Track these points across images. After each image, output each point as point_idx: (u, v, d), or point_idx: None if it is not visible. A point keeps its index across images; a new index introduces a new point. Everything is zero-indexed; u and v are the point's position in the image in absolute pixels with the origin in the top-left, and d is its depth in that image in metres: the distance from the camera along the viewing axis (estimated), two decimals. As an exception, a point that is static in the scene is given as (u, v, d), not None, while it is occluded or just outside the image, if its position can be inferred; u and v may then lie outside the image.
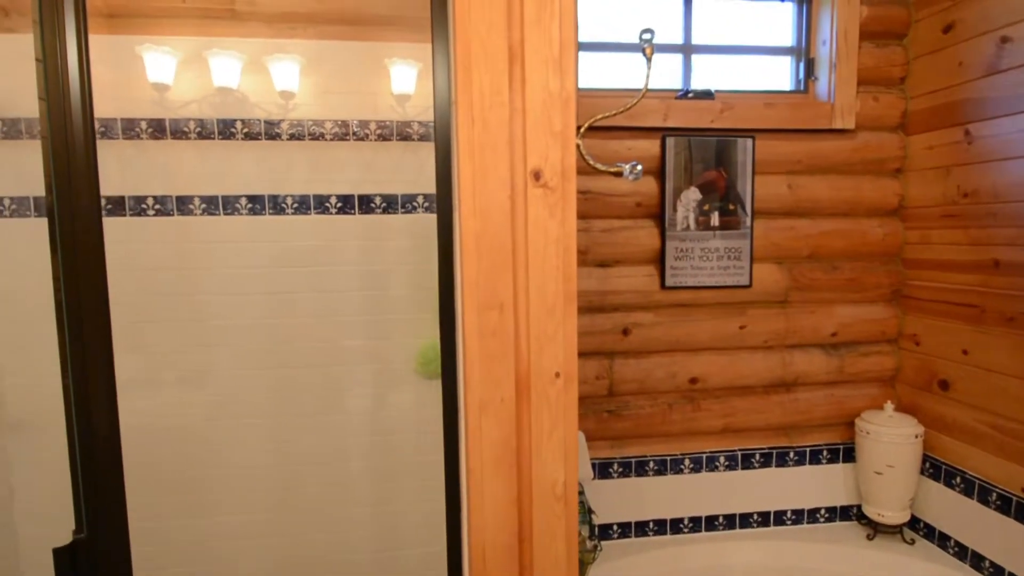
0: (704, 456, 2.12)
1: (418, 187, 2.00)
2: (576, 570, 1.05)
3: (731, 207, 2.05)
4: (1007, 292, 1.77)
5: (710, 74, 2.14)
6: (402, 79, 1.93)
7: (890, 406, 2.08)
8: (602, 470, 2.07)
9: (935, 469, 2.02)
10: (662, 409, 2.10)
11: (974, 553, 1.87)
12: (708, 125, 2.02)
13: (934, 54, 1.99)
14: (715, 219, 2.05)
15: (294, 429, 2.01)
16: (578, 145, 1.59)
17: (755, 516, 2.17)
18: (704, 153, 2.03)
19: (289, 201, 1.96)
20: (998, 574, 1.79)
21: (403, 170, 1.99)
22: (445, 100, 1.04)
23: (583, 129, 1.76)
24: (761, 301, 2.12)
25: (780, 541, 2.10)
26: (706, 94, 2.02)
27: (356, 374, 2.03)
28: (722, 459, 2.13)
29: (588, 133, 1.95)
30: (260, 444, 2.01)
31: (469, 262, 0.97)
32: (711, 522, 2.15)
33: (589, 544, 1.89)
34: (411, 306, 2.04)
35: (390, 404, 2.06)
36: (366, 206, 1.99)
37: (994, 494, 1.81)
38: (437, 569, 2.10)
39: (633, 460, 2.09)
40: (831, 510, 2.20)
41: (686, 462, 2.12)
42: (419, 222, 2.02)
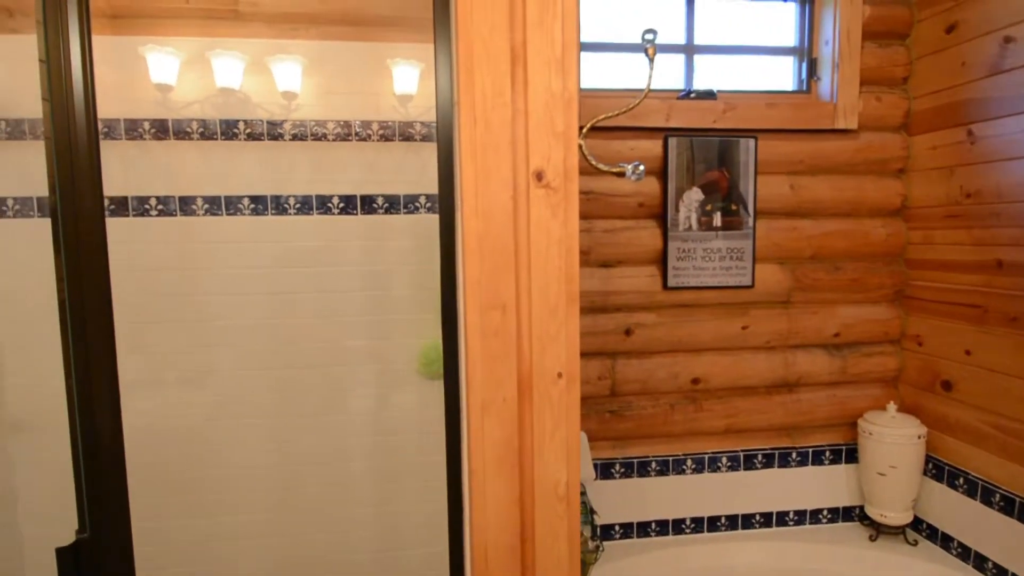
0: (706, 457, 2.12)
1: (420, 187, 2.01)
2: (578, 570, 1.05)
3: (733, 207, 2.05)
4: (1010, 292, 1.77)
5: (712, 74, 2.13)
6: (404, 80, 1.93)
7: (893, 407, 2.08)
8: (604, 470, 2.07)
9: (938, 470, 2.02)
10: (664, 409, 2.10)
11: (977, 554, 1.87)
12: (710, 125, 2.02)
13: (937, 54, 1.99)
14: (717, 219, 2.05)
15: (296, 429, 2.02)
16: (580, 145, 1.58)
17: (757, 517, 2.16)
18: (706, 153, 2.02)
19: (292, 201, 1.96)
20: (1001, 575, 1.79)
21: (405, 170, 2.00)
22: (447, 100, 1.04)
23: (585, 129, 1.76)
24: (763, 301, 2.12)
25: (782, 542, 2.09)
26: (708, 94, 2.02)
27: (358, 374, 2.03)
28: (724, 460, 2.13)
29: (590, 133, 1.95)
30: (261, 444, 2.01)
31: (471, 262, 0.97)
32: (713, 523, 2.14)
33: (591, 544, 1.89)
34: (413, 306, 2.04)
35: (392, 404, 2.06)
36: (368, 206, 1.99)
37: (997, 495, 1.80)
38: (438, 569, 2.10)
39: (635, 460, 2.09)
40: (833, 511, 2.19)
41: (688, 462, 2.11)
42: (421, 222, 2.02)
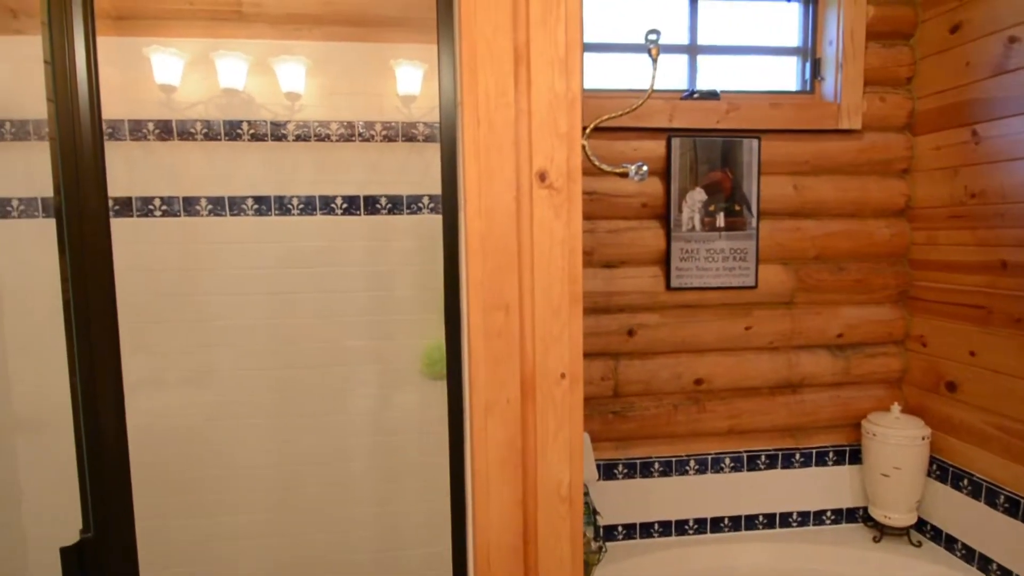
0: (709, 457, 2.12)
1: (423, 188, 2.01)
2: (581, 571, 1.05)
3: (737, 208, 2.05)
4: (1015, 293, 1.76)
5: (716, 75, 2.13)
6: (407, 80, 1.93)
7: (897, 408, 2.07)
8: (607, 471, 2.07)
9: (942, 471, 2.01)
10: (667, 410, 2.09)
11: (981, 556, 1.86)
12: (714, 126, 2.02)
13: (941, 54, 1.98)
14: (720, 220, 2.04)
15: (297, 429, 2.02)
16: (584, 146, 1.59)
17: (761, 518, 2.16)
18: (710, 154, 2.02)
19: (295, 202, 1.96)
20: (1006, 577, 1.78)
21: (408, 171, 2.00)
22: (451, 101, 1.04)
23: (589, 130, 1.76)
24: (767, 302, 2.11)
25: (786, 543, 2.09)
26: (712, 95, 2.02)
27: (361, 375, 2.03)
28: (727, 460, 2.13)
29: (594, 134, 1.95)
30: (263, 444, 2.01)
31: (475, 263, 0.97)
32: (716, 523, 2.14)
33: (594, 545, 1.89)
34: (416, 307, 2.04)
35: (394, 405, 2.06)
36: (371, 207, 1.99)
37: (1002, 496, 1.80)
38: (438, 569, 2.10)
39: (638, 461, 2.08)
40: (837, 512, 2.19)
41: (691, 463, 2.11)
42: (424, 223, 2.02)
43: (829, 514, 2.19)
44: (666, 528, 2.12)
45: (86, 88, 0.96)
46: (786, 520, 2.17)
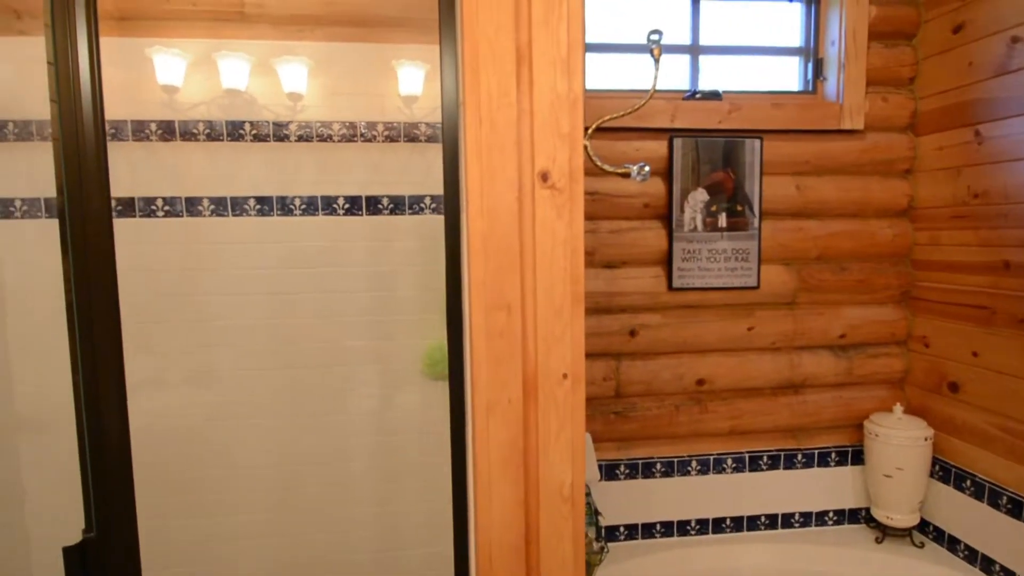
0: (711, 458, 2.11)
1: (425, 188, 2.01)
2: (583, 571, 1.05)
3: (739, 208, 2.05)
4: (1017, 294, 1.76)
5: (718, 75, 2.13)
6: (409, 81, 1.93)
7: (899, 408, 2.07)
8: (609, 471, 2.07)
9: (945, 472, 2.01)
10: (669, 411, 2.09)
11: (984, 557, 1.86)
12: (716, 126, 2.02)
13: (944, 54, 1.98)
14: (723, 220, 2.04)
15: (298, 429, 2.02)
16: (586, 146, 1.59)
17: (763, 518, 2.16)
18: (712, 154, 2.02)
19: (297, 202, 1.96)
20: (1009, 578, 1.78)
21: (410, 171, 2.00)
22: (453, 101, 1.04)
23: (591, 130, 1.75)
24: (769, 303, 2.11)
25: (788, 544, 2.09)
26: (714, 95, 2.01)
27: (362, 375, 2.03)
28: (729, 461, 2.12)
29: (596, 134, 1.95)
30: (264, 444, 2.01)
31: (476, 263, 0.97)
32: (718, 524, 2.14)
33: (596, 546, 1.89)
34: (418, 307, 2.04)
35: (396, 405, 2.06)
36: (373, 207, 1.99)
37: (1005, 497, 1.79)
38: (439, 569, 2.10)
39: (640, 462, 2.08)
40: (839, 513, 2.18)
41: (693, 464, 2.11)
42: (426, 223, 2.02)
43: (831, 515, 2.18)
44: (668, 529, 2.11)
45: (89, 89, 0.96)
46: (788, 521, 2.17)
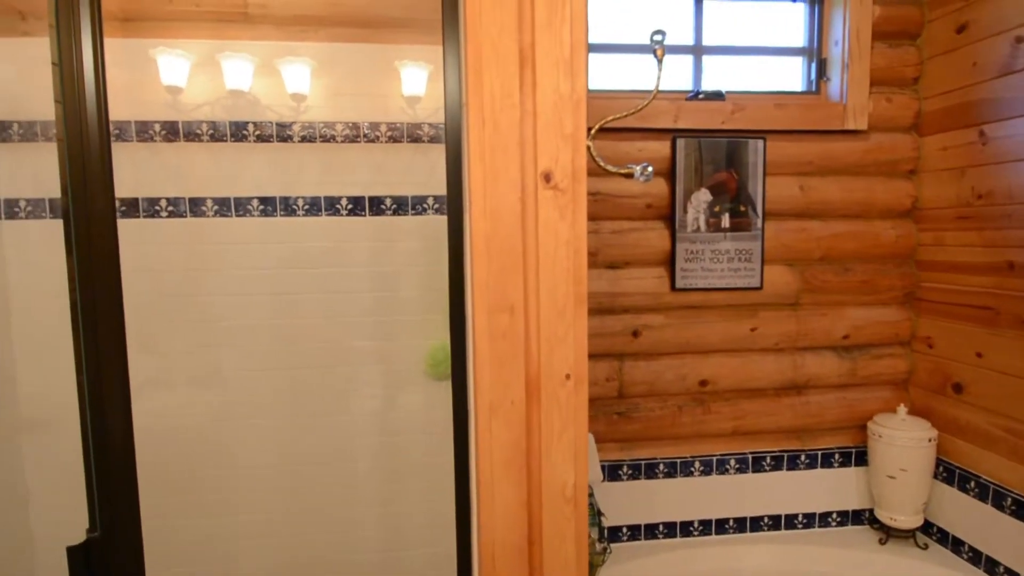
0: (714, 459, 2.11)
1: (428, 189, 2.01)
2: (586, 572, 1.05)
3: (742, 209, 2.04)
4: (1022, 294, 1.75)
5: (721, 75, 2.13)
6: (413, 81, 1.93)
7: (903, 409, 2.06)
8: (612, 472, 2.07)
9: (949, 473, 2.00)
10: (672, 411, 2.09)
11: (988, 558, 1.85)
12: (719, 126, 2.01)
13: (948, 54, 1.98)
14: (726, 221, 2.04)
15: (301, 430, 2.02)
16: (588, 147, 1.58)
17: (766, 519, 2.15)
18: (715, 154, 2.02)
19: (300, 203, 1.97)
20: (1013, 580, 1.77)
21: (413, 172, 2.00)
22: (456, 102, 1.04)
23: (594, 131, 1.76)
24: (772, 303, 2.11)
25: (791, 545, 2.08)
26: (717, 95, 2.01)
27: (365, 375, 2.04)
28: (732, 462, 2.12)
29: (599, 135, 1.95)
30: (267, 444, 2.02)
31: (479, 264, 0.97)
32: (721, 525, 2.13)
33: (599, 546, 1.89)
34: (421, 308, 2.04)
35: (398, 405, 2.06)
36: (376, 208, 1.99)
37: (1009, 499, 1.79)
38: (442, 570, 2.10)
39: (643, 462, 2.08)
40: (843, 514, 2.18)
41: (696, 464, 2.11)
42: (429, 224, 2.02)
43: (835, 516, 2.18)
44: (671, 529, 2.11)
45: (93, 90, 0.96)
46: (791, 522, 2.16)
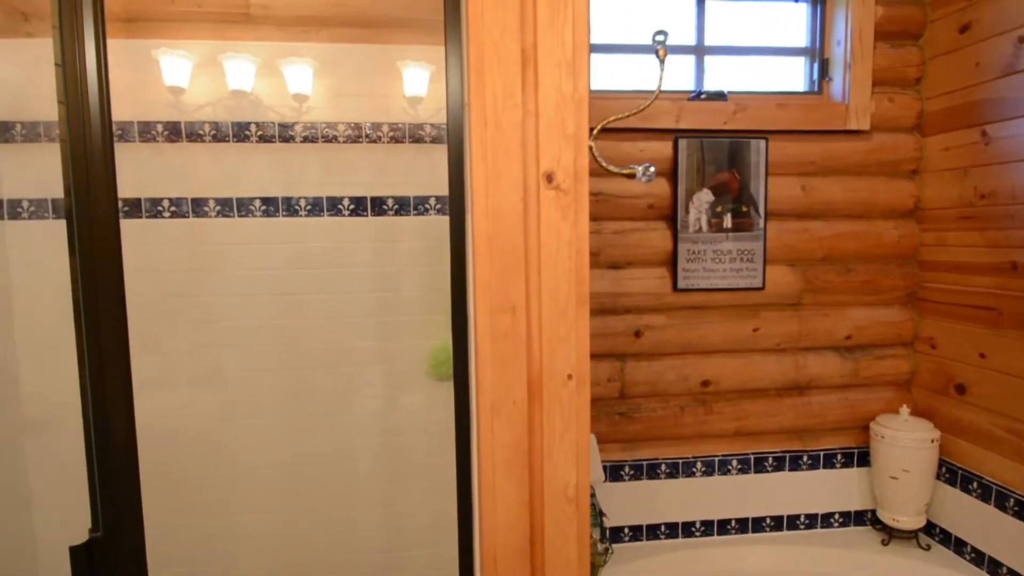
0: (716, 459, 2.11)
1: (430, 189, 2.01)
2: (588, 572, 1.05)
3: (744, 209, 2.04)
4: (1025, 295, 1.75)
5: (723, 75, 2.13)
6: (415, 82, 1.94)
7: (906, 410, 2.06)
8: (613, 473, 2.07)
9: (951, 474, 2.00)
10: (674, 412, 2.09)
11: (991, 559, 1.85)
12: (721, 126, 2.01)
13: (950, 54, 1.97)
14: (728, 221, 2.04)
15: (303, 430, 2.02)
16: (590, 147, 1.58)
17: (768, 520, 2.15)
18: (717, 155, 2.02)
19: (302, 203, 1.97)
20: (1016, 581, 1.77)
21: (416, 172, 2.00)
22: (458, 102, 1.04)
23: (596, 131, 1.76)
24: (774, 303, 2.10)
25: (793, 546, 2.08)
26: (719, 95, 2.01)
27: (367, 375, 2.04)
28: (734, 462, 2.12)
29: (600, 135, 1.95)
30: (269, 445, 2.02)
31: (481, 264, 0.97)
32: (723, 526, 2.13)
33: (600, 547, 1.89)
34: (423, 308, 2.04)
35: (400, 406, 2.06)
36: (379, 208, 1.99)
37: (1012, 499, 1.78)
38: (443, 570, 2.11)
39: (645, 463, 2.08)
40: (845, 515, 2.18)
41: (698, 465, 2.10)
42: (431, 224, 2.02)
43: (837, 517, 2.17)
44: (673, 530, 2.11)
45: (96, 90, 0.96)
46: (794, 522, 2.16)
